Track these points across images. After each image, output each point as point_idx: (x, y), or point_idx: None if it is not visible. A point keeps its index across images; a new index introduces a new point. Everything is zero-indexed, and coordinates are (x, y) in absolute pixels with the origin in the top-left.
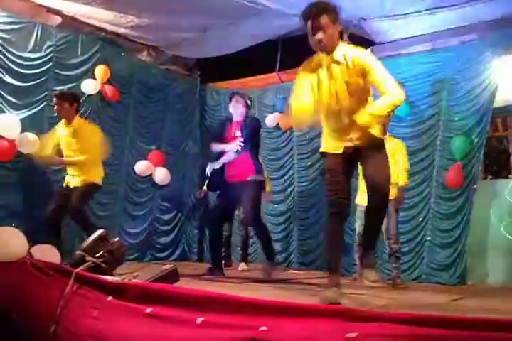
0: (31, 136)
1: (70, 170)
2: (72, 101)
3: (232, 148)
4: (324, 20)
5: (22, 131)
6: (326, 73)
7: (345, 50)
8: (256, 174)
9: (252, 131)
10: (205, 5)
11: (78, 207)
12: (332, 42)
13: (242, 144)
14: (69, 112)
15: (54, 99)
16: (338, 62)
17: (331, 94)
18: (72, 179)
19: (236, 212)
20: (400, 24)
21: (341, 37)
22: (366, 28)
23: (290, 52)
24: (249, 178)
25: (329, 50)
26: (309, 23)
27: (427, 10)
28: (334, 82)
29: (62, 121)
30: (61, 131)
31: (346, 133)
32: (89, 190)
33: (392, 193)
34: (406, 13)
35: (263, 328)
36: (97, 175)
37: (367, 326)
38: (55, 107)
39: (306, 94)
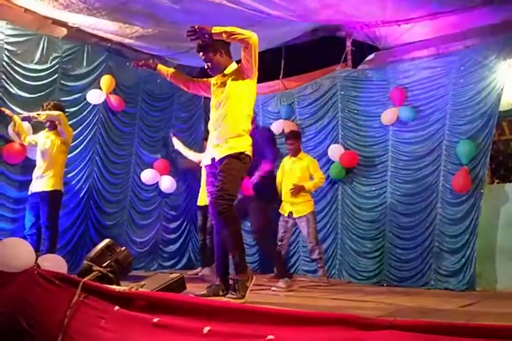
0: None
1: (39, 170)
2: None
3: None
4: (206, 54)
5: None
6: (216, 89)
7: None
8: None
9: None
10: (208, 14)
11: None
12: (218, 67)
13: None
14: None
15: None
16: (224, 75)
17: (213, 104)
18: (40, 181)
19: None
20: (403, 29)
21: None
22: (369, 34)
23: (293, 59)
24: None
25: (219, 73)
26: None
27: (429, 15)
28: (217, 94)
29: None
30: (42, 136)
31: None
32: (58, 198)
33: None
34: (409, 19)
35: (270, 337)
36: (61, 181)
37: (376, 334)
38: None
39: None
